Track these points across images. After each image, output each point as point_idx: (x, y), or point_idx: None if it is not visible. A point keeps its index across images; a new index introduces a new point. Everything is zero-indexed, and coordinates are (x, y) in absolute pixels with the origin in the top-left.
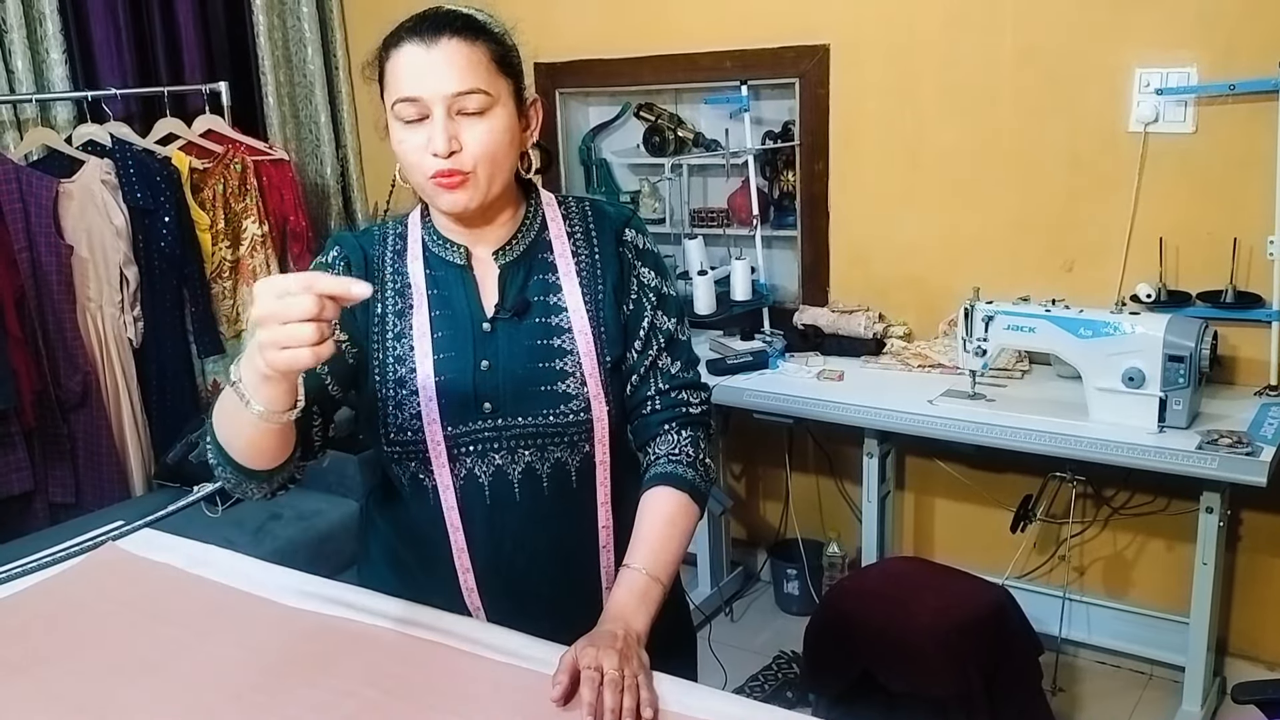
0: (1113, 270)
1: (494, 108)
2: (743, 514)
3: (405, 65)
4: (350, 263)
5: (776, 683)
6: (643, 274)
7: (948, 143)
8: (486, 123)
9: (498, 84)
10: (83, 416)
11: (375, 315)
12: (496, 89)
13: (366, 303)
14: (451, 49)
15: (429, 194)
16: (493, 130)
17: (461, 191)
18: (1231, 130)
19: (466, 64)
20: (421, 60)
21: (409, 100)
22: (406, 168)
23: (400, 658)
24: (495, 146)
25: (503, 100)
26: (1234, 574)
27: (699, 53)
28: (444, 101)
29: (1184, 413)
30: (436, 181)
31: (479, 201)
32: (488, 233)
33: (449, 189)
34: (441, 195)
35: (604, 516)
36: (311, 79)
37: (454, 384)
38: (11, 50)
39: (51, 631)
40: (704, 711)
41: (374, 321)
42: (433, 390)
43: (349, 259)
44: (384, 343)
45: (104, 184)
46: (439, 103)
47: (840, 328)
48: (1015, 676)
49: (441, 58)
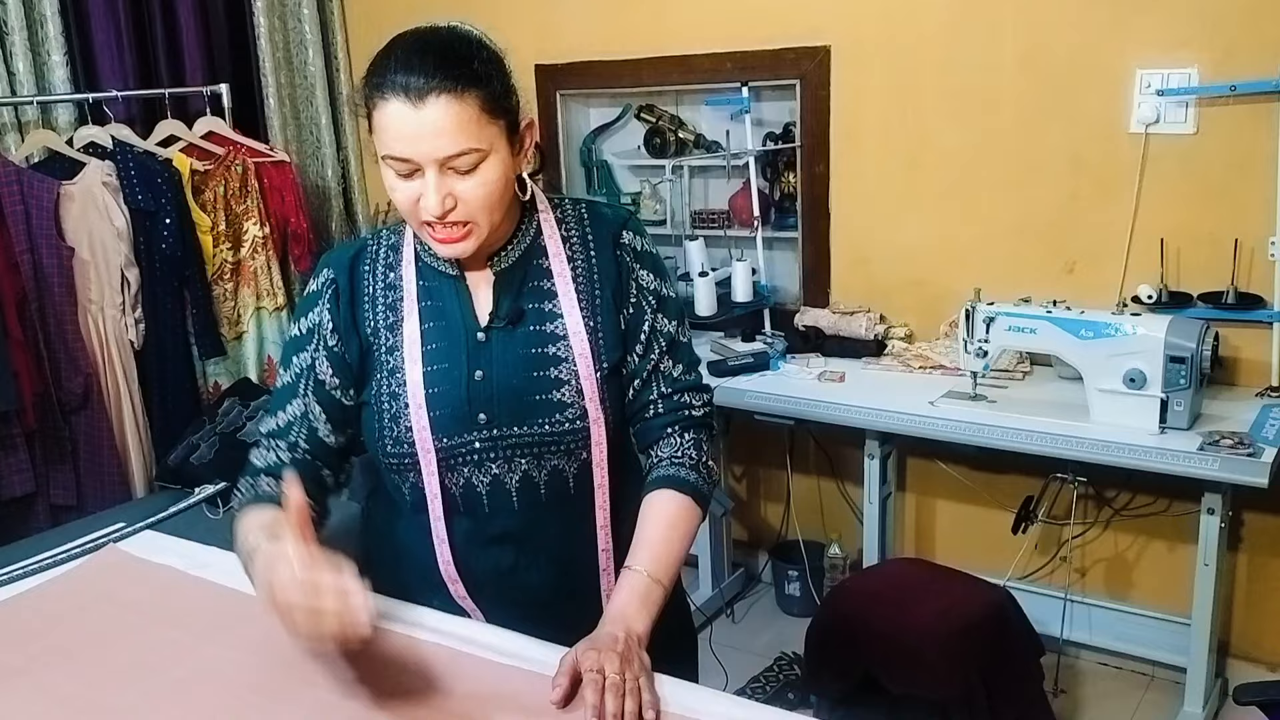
0: (1114, 271)
1: (487, 159)
2: (744, 515)
3: (393, 124)
4: (339, 288)
5: (778, 684)
6: (641, 277)
7: (949, 144)
8: (479, 175)
9: (489, 134)
10: (84, 418)
11: (368, 332)
12: (488, 140)
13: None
14: (440, 110)
15: (426, 240)
16: (485, 182)
17: (462, 243)
18: (1233, 131)
19: (456, 125)
20: (410, 122)
21: (399, 160)
22: (403, 213)
23: (402, 660)
24: (491, 197)
25: (495, 147)
26: (1235, 575)
27: (700, 54)
28: (435, 164)
29: (1185, 414)
30: (432, 234)
31: (478, 245)
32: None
33: (446, 242)
34: (439, 247)
35: (601, 518)
36: (312, 81)
37: (448, 395)
38: (13, 52)
39: (52, 633)
40: (705, 713)
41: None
42: (422, 398)
43: (337, 284)
44: (378, 357)
45: (105, 186)
46: (430, 166)
47: (841, 329)
48: (1016, 678)
49: (430, 120)
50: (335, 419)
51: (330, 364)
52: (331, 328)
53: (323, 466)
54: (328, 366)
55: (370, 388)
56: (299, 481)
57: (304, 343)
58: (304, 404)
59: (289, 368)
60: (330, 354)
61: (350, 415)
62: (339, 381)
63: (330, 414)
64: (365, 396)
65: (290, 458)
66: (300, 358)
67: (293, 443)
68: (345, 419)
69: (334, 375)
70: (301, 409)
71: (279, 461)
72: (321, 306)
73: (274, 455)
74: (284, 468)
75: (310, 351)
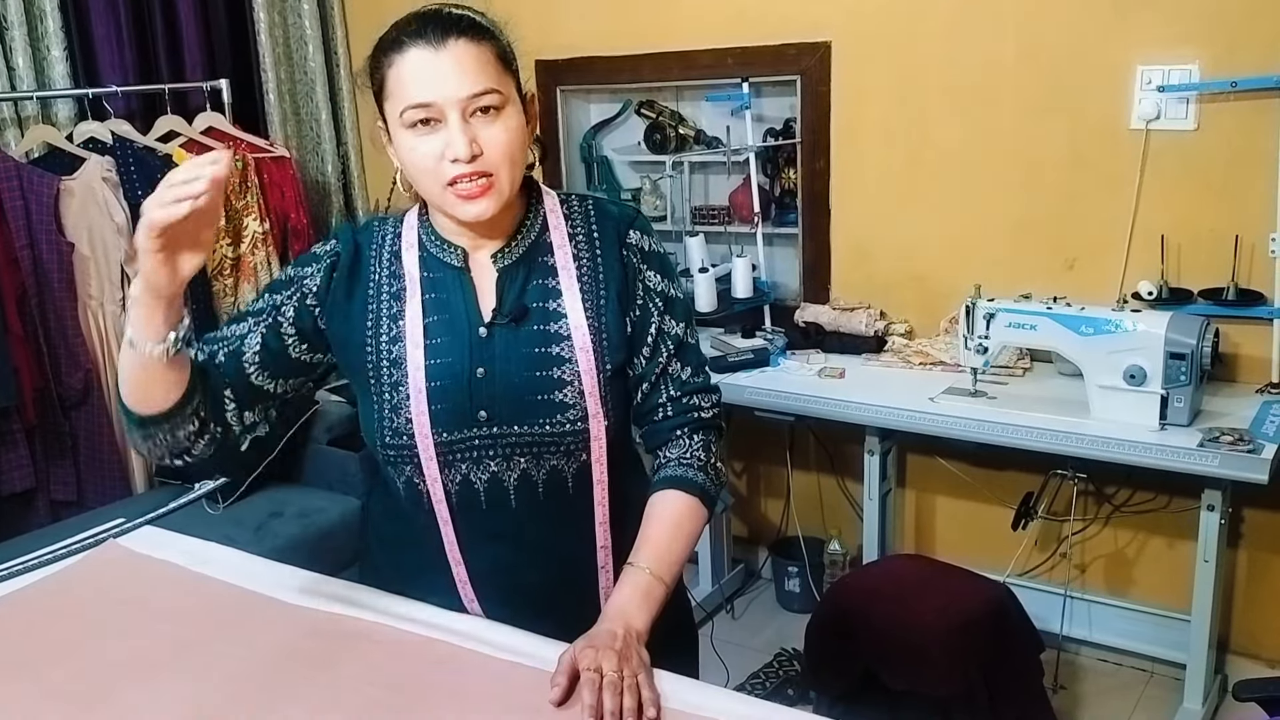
0: (1114, 268)
1: (507, 106)
2: (744, 511)
3: (413, 70)
4: (340, 259)
5: (778, 680)
6: (648, 278)
7: (949, 140)
8: (502, 122)
9: (506, 82)
10: (84, 414)
11: (369, 322)
12: (507, 87)
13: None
14: (460, 50)
15: (447, 204)
16: (509, 129)
17: (485, 199)
18: (1234, 127)
19: (477, 64)
20: (430, 64)
21: (421, 106)
22: (419, 176)
23: (401, 655)
24: (513, 146)
25: (512, 98)
26: (1235, 572)
27: (700, 50)
28: (459, 105)
29: (1185, 410)
30: (456, 191)
31: (500, 206)
32: (490, 234)
33: (471, 198)
34: (462, 206)
35: (600, 515)
36: (312, 76)
37: (449, 391)
38: (12, 47)
39: (53, 629)
40: (705, 709)
41: (368, 328)
42: (424, 390)
43: (339, 255)
44: (378, 347)
45: (105, 181)
46: (453, 107)
47: (841, 325)
48: (1016, 674)
49: (452, 60)
50: (269, 360)
51: (297, 316)
52: (316, 290)
53: (228, 390)
54: (293, 315)
55: (369, 376)
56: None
57: (284, 286)
58: (247, 329)
59: (260, 299)
60: (302, 309)
61: (288, 368)
62: (295, 332)
63: (268, 352)
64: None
65: (201, 360)
66: (270, 298)
67: (213, 352)
68: (280, 367)
69: (293, 326)
70: (242, 331)
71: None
72: (316, 269)
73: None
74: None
75: (285, 296)
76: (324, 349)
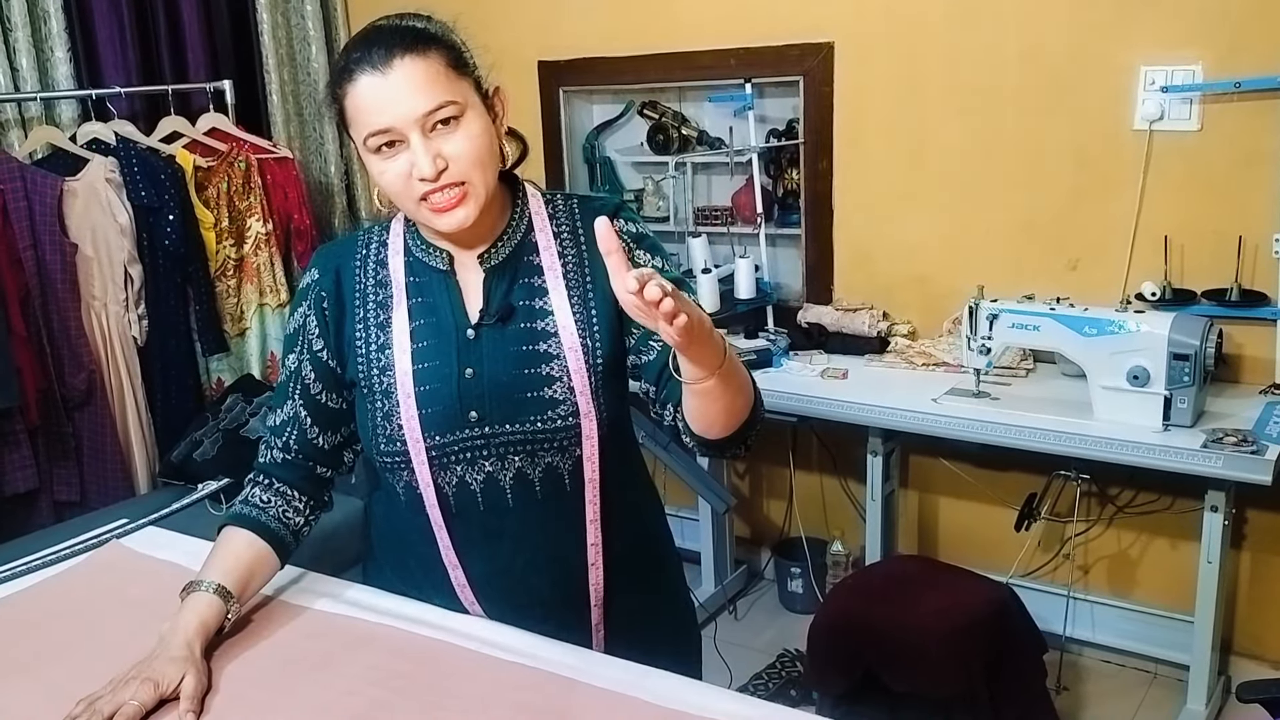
0: (1117, 268)
1: (466, 112)
2: (746, 512)
3: (365, 98)
4: (324, 291)
5: (780, 681)
6: (638, 256)
7: (952, 141)
8: (464, 130)
9: (461, 88)
10: (87, 414)
11: (358, 333)
12: (462, 94)
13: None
14: (408, 68)
15: (425, 218)
16: (471, 136)
17: (461, 208)
18: (1237, 128)
19: (426, 79)
20: (380, 89)
21: (380, 132)
22: (393, 196)
23: (404, 656)
24: (479, 151)
25: (470, 102)
26: (1239, 573)
27: (703, 50)
28: (417, 124)
29: (1189, 411)
30: (431, 205)
31: (479, 209)
32: (475, 236)
33: (448, 209)
34: (439, 219)
35: (591, 513)
36: (315, 77)
37: (438, 393)
38: (16, 48)
39: (56, 629)
40: (708, 710)
41: (358, 339)
42: (411, 390)
43: (322, 286)
44: (368, 356)
45: (108, 182)
46: (412, 127)
47: (844, 326)
48: (1019, 675)
49: (401, 80)
50: (323, 422)
51: (314, 369)
52: (317, 332)
53: (316, 465)
54: (312, 371)
55: (361, 386)
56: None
57: (293, 342)
58: (294, 407)
59: (284, 365)
60: (314, 359)
61: (340, 415)
62: (323, 386)
63: (317, 418)
64: (357, 395)
65: (283, 458)
66: (290, 359)
67: (286, 443)
68: (334, 420)
69: (318, 380)
70: (292, 412)
71: (274, 461)
72: (306, 307)
73: (271, 454)
74: (279, 467)
75: (297, 354)
76: (350, 384)
